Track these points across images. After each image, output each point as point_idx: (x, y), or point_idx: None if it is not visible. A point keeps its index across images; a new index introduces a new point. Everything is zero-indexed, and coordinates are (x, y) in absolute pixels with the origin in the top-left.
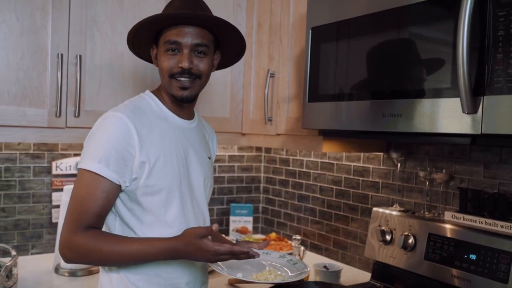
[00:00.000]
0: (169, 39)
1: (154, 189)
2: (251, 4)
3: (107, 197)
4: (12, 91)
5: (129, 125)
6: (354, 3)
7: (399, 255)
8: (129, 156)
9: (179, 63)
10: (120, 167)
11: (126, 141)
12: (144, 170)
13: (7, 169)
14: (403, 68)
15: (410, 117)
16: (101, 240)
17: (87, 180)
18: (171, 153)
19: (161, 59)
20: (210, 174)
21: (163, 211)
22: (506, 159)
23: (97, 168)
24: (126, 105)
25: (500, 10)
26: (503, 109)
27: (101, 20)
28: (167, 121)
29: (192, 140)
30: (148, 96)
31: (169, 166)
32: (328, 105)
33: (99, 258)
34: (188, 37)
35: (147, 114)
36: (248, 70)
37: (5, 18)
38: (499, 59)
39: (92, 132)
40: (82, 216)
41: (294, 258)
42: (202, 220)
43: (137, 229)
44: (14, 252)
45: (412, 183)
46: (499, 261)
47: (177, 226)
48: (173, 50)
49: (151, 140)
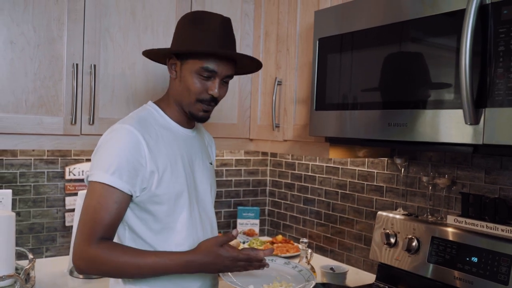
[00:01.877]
0: (208, 67)
1: (163, 198)
2: (259, 13)
3: (119, 207)
4: (30, 100)
5: (138, 136)
6: (360, 16)
7: (403, 257)
8: (140, 166)
9: (210, 90)
10: (132, 178)
11: (137, 152)
12: (154, 180)
13: (22, 174)
14: (408, 79)
15: (415, 127)
16: (116, 252)
17: (99, 192)
18: (177, 162)
19: (190, 79)
20: (214, 180)
21: (171, 219)
22: (507, 166)
23: (111, 180)
24: (132, 117)
25: (501, 27)
26: (503, 120)
27: (114, 30)
28: (171, 130)
29: (195, 148)
30: (151, 107)
31: (176, 175)
32: (334, 114)
33: (114, 270)
34: (224, 68)
35: (152, 125)
36: (255, 77)
37: (23, 29)
38: (500, 73)
39: (101, 145)
40: (95, 228)
41: (299, 265)
42: (209, 225)
43: (147, 237)
44: (31, 256)
45: (415, 188)
46: (500, 264)
47: (185, 232)
48: (206, 76)
49: (158, 149)
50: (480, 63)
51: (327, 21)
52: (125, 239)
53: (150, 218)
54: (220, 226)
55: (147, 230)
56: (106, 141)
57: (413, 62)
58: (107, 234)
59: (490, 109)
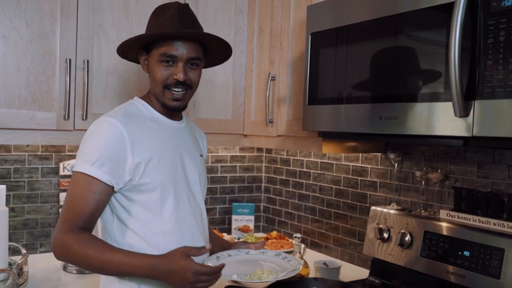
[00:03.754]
0: (165, 52)
1: (149, 187)
2: (252, 9)
3: (99, 198)
4: (23, 95)
5: (121, 129)
6: (351, 10)
7: (396, 252)
8: (121, 158)
9: (174, 75)
10: (112, 169)
11: (118, 144)
12: (140, 170)
13: (16, 170)
14: (398, 73)
15: (405, 120)
16: (87, 244)
17: (80, 182)
18: (164, 151)
19: (154, 69)
20: (204, 171)
21: (159, 208)
22: (499, 160)
23: (91, 170)
24: (117, 111)
25: (490, 19)
26: (492, 113)
27: (108, 26)
28: (158, 122)
29: (182, 139)
30: (137, 101)
31: (163, 164)
32: (327, 108)
33: (82, 262)
34: (183, 51)
35: (138, 117)
36: (249, 73)
37: (15, 24)
38: (489, 66)
39: (86, 137)
40: (74, 217)
41: (289, 256)
42: (200, 215)
43: (135, 227)
44: (24, 251)
45: (408, 183)
46: (492, 257)
47: (173, 221)
48: (168, 62)
49: (143, 140)
50: (470, 56)
51: (319, 15)
52: (114, 230)
53: (138, 208)
54: (215, 222)
55: (135, 221)
56: (90, 134)
57: (403, 56)
58: (86, 224)
59: (479, 101)
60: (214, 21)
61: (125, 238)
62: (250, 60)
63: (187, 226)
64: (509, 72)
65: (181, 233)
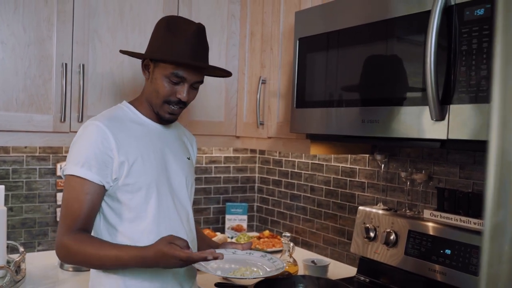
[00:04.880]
0: (177, 73)
1: (134, 187)
2: (244, 14)
3: (92, 198)
4: (20, 98)
5: (106, 131)
6: (338, 16)
7: (382, 250)
8: (108, 158)
9: (178, 94)
10: (101, 169)
11: (104, 145)
12: (124, 170)
13: (15, 170)
14: (380, 77)
15: (387, 123)
16: (85, 243)
17: (73, 185)
18: (149, 153)
19: (159, 82)
20: (191, 174)
21: (143, 208)
22: (480, 161)
23: (80, 172)
24: (103, 114)
25: (464, 27)
26: (465, 117)
27: (103, 31)
28: (143, 125)
29: (169, 142)
30: (124, 106)
31: (147, 165)
32: (313, 111)
33: (84, 261)
34: (193, 75)
35: (123, 121)
36: (241, 76)
37: (13, 30)
38: (463, 72)
39: (74, 141)
40: (71, 219)
41: (275, 257)
42: (186, 216)
43: (119, 226)
44: (22, 249)
45: (395, 183)
46: (471, 255)
47: (156, 221)
48: (176, 81)
49: (128, 142)
50: (446, 62)
51: (307, 21)
52: (100, 229)
53: (122, 207)
54: (209, 221)
55: (120, 220)
56: (77, 138)
57: (385, 61)
58: (84, 225)
59: (454, 106)
60: (207, 25)
61: (111, 236)
62: (242, 63)
63: (171, 226)
64: (481, 78)
65: (165, 232)
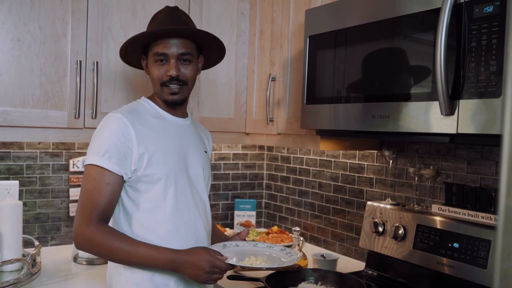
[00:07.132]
0: (157, 51)
1: (153, 178)
2: (254, 12)
3: (112, 189)
4: (36, 95)
5: (126, 123)
6: (347, 14)
7: (390, 245)
8: (128, 150)
9: (168, 71)
10: (121, 160)
11: (124, 137)
12: (143, 161)
13: (29, 166)
14: (390, 73)
15: (396, 118)
16: (112, 237)
17: (93, 175)
18: (168, 146)
19: (151, 69)
20: (208, 167)
21: (162, 198)
22: (487, 156)
23: (101, 162)
24: (124, 108)
25: (473, 24)
26: (474, 111)
27: (116, 29)
28: (163, 119)
29: (187, 135)
30: (143, 101)
31: (166, 157)
32: (324, 107)
33: (107, 253)
34: (174, 48)
35: (143, 114)
36: (251, 74)
37: (29, 28)
38: (472, 67)
39: (96, 132)
40: (92, 209)
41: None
42: (203, 207)
43: (138, 216)
44: (37, 242)
45: (403, 179)
46: (479, 249)
47: (175, 212)
48: (161, 60)
49: (148, 135)
50: (455, 58)
51: (317, 19)
52: (119, 219)
53: (141, 197)
54: (218, 217)
55: (138, 210)
56: (98, 129)
57: (395, 57)
58: (103, 216)
59: (463, 101)
60: (217, 24)
61: (130, 227)
62: (252, 61)
63: (189, 216)
64: (490, 73)
65: (183, 222)
